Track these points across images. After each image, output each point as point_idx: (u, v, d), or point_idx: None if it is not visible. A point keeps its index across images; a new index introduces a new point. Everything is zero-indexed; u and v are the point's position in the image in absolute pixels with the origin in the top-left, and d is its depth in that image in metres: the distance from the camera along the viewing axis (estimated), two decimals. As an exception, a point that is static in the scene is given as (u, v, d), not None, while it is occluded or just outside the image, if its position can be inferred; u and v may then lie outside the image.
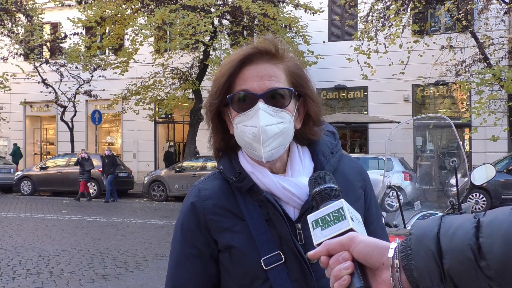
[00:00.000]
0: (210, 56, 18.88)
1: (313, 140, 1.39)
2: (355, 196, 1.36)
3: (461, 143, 5.50)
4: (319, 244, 0.96)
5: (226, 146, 1.39)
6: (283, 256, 1.26)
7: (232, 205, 1.33)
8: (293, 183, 1.30)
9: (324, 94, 20.71)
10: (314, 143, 1.39)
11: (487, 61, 15.18)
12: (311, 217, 1.00)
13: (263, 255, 1.26)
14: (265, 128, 1.26)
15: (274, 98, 1.29)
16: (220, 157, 1.41)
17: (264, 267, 1.25)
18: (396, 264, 0.89)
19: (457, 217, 0.88)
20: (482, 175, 3.90)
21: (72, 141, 22.84)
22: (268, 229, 1.28)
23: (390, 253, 0.90)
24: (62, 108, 22.79)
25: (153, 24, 17.59)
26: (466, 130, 19.16)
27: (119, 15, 18.85)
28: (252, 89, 1.28)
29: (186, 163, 18.79)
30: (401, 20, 15.62)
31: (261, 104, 1.27)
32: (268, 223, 1.28)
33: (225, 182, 1.36)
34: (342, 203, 0.98)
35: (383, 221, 1.65)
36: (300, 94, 1.34)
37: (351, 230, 0.95)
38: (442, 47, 15.84)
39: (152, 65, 20.46)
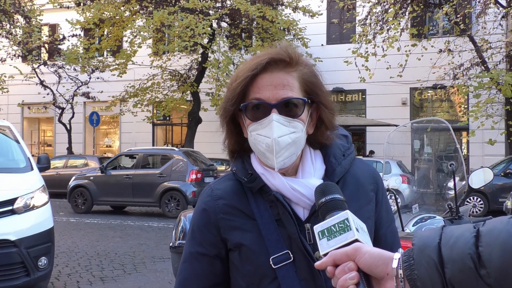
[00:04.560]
0: (208, 59, 18.89)
1: (325, 144, 1.41)
2: (366, 199, 1.38)
3: (458, 146, 5.51)
4: (325, 254, 0.98)
5: (240, 149, 1.42)
6: (291, 255, 1.28)
7: (243, 205, 1.36)
8: (303, 183, 1.32)
9: (322, 97, 20.71)
10: (326, 146, 1.41)
11: (485, 65, 15.22)
12: (317, 228, 1.02)
13: (272, 254, 1.29)
14: (278, 140, 1.29)
15: (287, 107, 1.31)
16: (235, 159, 1.44)
17: (273, 266, 1.28)
18: (400, 274, 0.91)
19: (457, 227, 0.91)
20: (480, 178, 3.92)
21: (70, 142, 22.83)
22: (277, 229, 1.31)
23: (394, 264, 0.93)
24: (60, 110, 22.78)
25: (151, 26, 17.59)
26: (464, 133, 19.19)
27: (117, 17, 18.84)
28: (265, 98, 1.30)
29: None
30: (399, 23, 15.66)
31: (274, 115, 1.29)
32: (278, 223, 1.31)
33: (237, 183, 1.40)
34: (347, 214, 1.01)
35: None
36: (313, 101, 1.36)
37: (356, 240, 0.97)
38: (440, 51, 15.86)
39: (151, 67, 20.45)
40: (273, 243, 1.29)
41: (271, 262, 1.28)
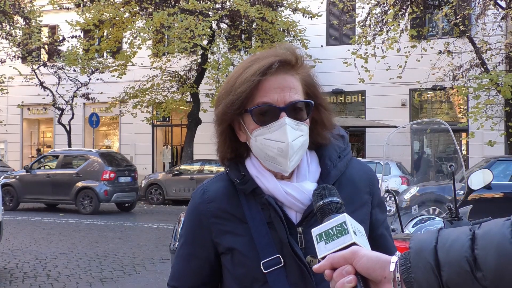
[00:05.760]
0: (208, 60, 18.90)
1: (321, 144, 1.40)
2: (361, 201, 1.37)
3: (458, 147, 5.51)
4: (323, 258, 0.99)
5: (235, 155, 1.40)
6: (282, 260, 1.27)
7: (235, 207, 1.35)
8: (296, 187, 1.31)
9: (322, 98, 20.70)
10: (322, 147, 1.40)
11: (484, 66, 15.22)
12: (315, 231, 1.03)
13: (263, 258, 1.28)
14: (292, 144, 1.27)
15: (295, 111, 1.29)
16: (227, 164, 1.42)
17: (264, 270, 1.27)
18: (398, 277, 0.92)
19: (453, 230, 0.91)
20: (479, 179, 3.92)
21: (69, 144, 22.81)
22: (269, 233, 1.30)
23: (392, 267, 0.94)
24: (60, 111, 22.74)
25: (151, 27, 17.60)
26: (463, 134, 19.20)
27: (117, 18, 18.85)
28: (273, 102, 1.28)
29: (183, 167, 18.81)
30: (399, 24, 15.66)
31: (287, 119, 1.27)
32: (269, 226, 1.30)
33: (230, 183, 1.38)
34: (345, 217, 1.01)
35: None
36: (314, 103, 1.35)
37: (354, 244, 0.98)
38: (440, 52, 15.87)
39: (150, 68, 20.45)
40: (264, 247, 1.29)
41: (261, 267, 1.27)
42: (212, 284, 1.41)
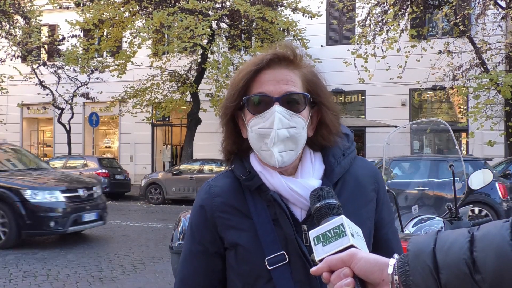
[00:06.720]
0: (208, 59, 18.89)
1: (327, 146, 1.40)
2: (366, 199, 1.37)
3: (458, 147, 5.51)
4: (321, 260, 0.98)
5: (238, 149, 1.41)
6: (287, 257, 1.27)
7: (241, 203, 1.35)
8: (301, 184, 1.31)
9: (322, 97, 20.71)
10: (327, 147, 1.40)
11: (484, 66, 15.22)
12: (312, 233, 1.02)
13: (268, 255, 1.28)
14: (278, 132, 1.28)
15: (290, 103, 1.30)
16: (232, 160, 1.42)
17: (268, 267, 1.27)
18: (396, 280, 0.91)
19: (452, 232, 0.91)
20: (479, 179, 3.91)
21: (69, 143, 22.82)
22: (274, 229, 1.30)
23: (390, 270, 0.93)
24: (60, 110, 22.75)
25: (151, 27, 17.60)
26: (463, 134, 19.20)
27: (117, 18, 18.85)
28: (268, 92, 1.30)
29: (183, 166, 18.80)
30: (399, 24, 15.65)
31: (277, 107, 1.28)
32: (274, 223, 1.30)
33: (236, 180, 1.39)
34: (342, 219, 1.00)
35: None
36: (315, 101, 1.35)
37: (351, 246, 0.97)
38: (440, 52, 15.87)
39: (150, 68, 20.45)
40: (269, 243, 1.28)
41: (266, 263, 1.27)
42: (225, 283, 1.39)
